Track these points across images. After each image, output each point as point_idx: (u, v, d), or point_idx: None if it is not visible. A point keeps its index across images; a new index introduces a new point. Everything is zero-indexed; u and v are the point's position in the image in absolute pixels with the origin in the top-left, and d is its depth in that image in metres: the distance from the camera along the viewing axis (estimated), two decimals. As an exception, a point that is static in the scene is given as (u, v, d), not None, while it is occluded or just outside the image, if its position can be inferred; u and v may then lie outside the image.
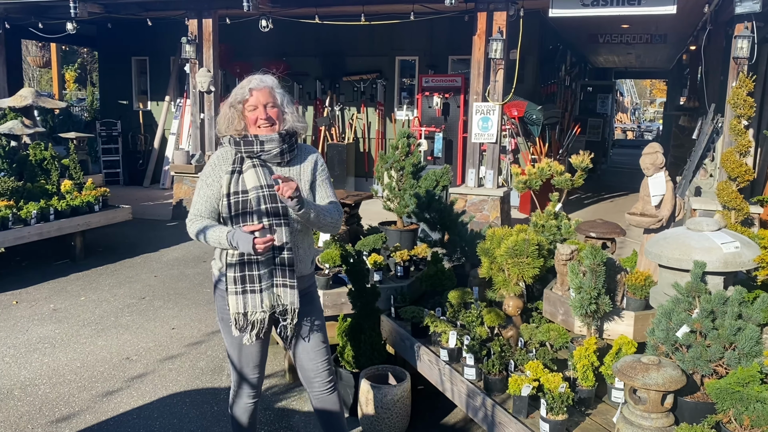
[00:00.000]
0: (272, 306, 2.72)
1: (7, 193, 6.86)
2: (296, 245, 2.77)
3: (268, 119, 2.68)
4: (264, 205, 2.65)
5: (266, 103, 2.68)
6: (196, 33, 9.65)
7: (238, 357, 2.90)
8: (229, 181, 2.69)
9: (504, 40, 8.21)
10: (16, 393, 4.15)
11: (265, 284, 2.68)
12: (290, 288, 2.71)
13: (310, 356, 2.92)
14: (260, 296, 2.68)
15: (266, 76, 2.75)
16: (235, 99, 2.71)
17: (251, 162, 2.70)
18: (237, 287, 2.68)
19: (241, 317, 2.70)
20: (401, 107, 11.79)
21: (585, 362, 3.03)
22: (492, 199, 8.50)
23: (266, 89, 2.69)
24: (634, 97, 44.06)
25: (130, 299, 6.08)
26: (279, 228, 2.66)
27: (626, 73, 25.53)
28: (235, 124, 2.72)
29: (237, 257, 2.66)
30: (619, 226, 3.82)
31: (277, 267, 2.69)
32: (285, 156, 2.73)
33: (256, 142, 2.68)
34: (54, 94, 22.35)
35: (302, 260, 2.81)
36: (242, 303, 2.68)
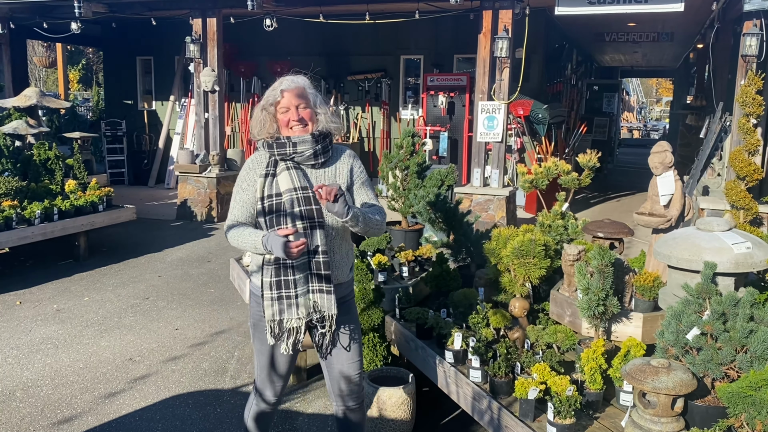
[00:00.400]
0: (308, 313, 2.63)
1: (11, 193, 6.85)
2: (332, 250, 2.67)
3: (300, 120, 2.61)
4: (298, 207, 2.58)
5: (298, 104, 2.61)
6: (201, 32, 9.62)
7: (265, 364, 2.83)
8: (263, 185, 2.63)
9: (509, 39, 8.15)
10: (18, 394, 4.13)
11: (300, 290, 2.61)
12: (326, 293, 2.62)
13: (343, 369, 2.84)
14: (296, 302, 2.61)
15: (298, 77, 2.69)
16: (266, 101, 2.65)
17: (285, 164, 2.63)
18: (272, 293, 2.60)
19: (276, 325, 2.63)
20: (406, 106, 11.74)
21: (593, 365, 2.98)
22: (497, 198, 8.44)
23: (298, 90, 2.62)
24: (640, 96, 43.88)
25: (134, 299, 6.05)
26: (314, 231, 2.59)
27: (632, 72, 25.42)
28: (267, 126, 2.65)
29: (273, 262, 2.59)
30: (627, 226, 3.77)
31: (313, 272, 2.61)
32: (319, 157, 2.65)
33: (288, 144, 2.61)
34: (60, 94, 22.43)
35: (339, 266, 2.72)
36: (277, 309, 2.61)
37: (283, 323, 2.62)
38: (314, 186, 2.48)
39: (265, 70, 12.20)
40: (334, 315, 2.65)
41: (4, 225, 6.39)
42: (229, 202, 9.12)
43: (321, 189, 2.41)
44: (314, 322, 2.66)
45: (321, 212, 2.59)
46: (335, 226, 2.65)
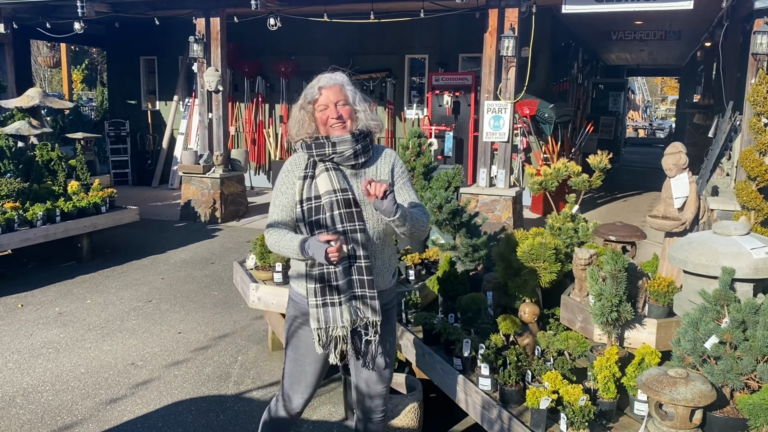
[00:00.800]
0: (353, 320, 2.53)
1: (13, 195, 6.79)
2: (374, 255, 2.58)
3: (339, 118, 2.51)
4: (337, 210, 2.49)
5: (337, 101, 2.51)
6: (204, 32, 9.55)
7: (294, 371, 2.74)
8: (302, 187, 2.55)
9: (516, 38, 8.06)
10: (19, 400, 4.06)
11: (344, 296, 2.50)
12: (370, 299, 2.52)
13: (372, 380, 2.77)
14: (340, 309, 2.50)
15: (336, 73, 2.59)
16: (304, 100, 2.56)
17: (324, 166, 2.54)
18: (317, 300, 2.51)
19: (323, 333, 2.52)
20: (411, 106, 11.65)
21: (606, 373, 2.89)
22: (504, 199, 8.35)
23: (336, 86, 2.53)
24: (645, 95, 43.69)
25: (137, 302, 5.98)
26: (354, 235, 2.49)
27: (638, 71, 25.29)
28: (305, 126, 2.56)
29: (316, 267, 2.49)
30: (640, 230, 3.67)
31: (355, 278, 2.51)
32: (359, 157, 2.56)
33: (327, 143, 2.52)
34: (64, 94, 22.42)
35: (380, 272, 2.62)
36: (323, 317, 2.51)
37: (329, 331, 2.52)
38: (364, 182, 2.36)
39: (269, 70, 12.12)
40: (378, 322, 2.55)
41: (6, 227, 6.33)
42: (232, 202, 9.05)
43: (370, 185, 2.31)
44: (359, 329, 2.56)
45: (362, 215, 2.51)
46: (377, 230, 2.56)
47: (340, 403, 4.02)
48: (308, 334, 2.63)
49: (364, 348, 2.59)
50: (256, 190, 12.46)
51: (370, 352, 2.61)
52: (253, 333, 5.23)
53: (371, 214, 2.53)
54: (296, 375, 2.73)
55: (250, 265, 4.64)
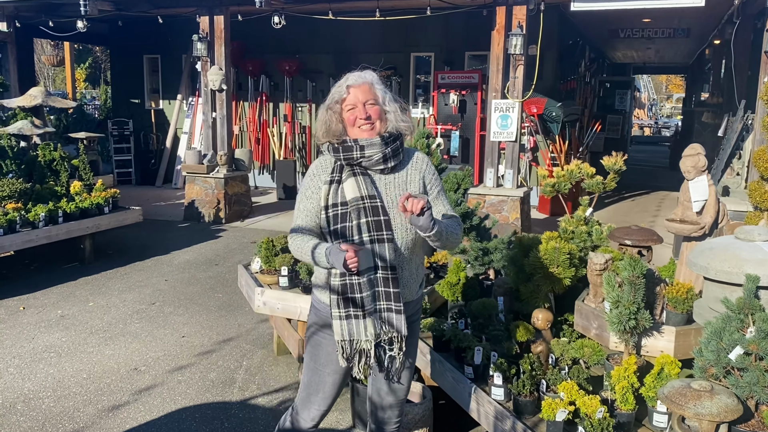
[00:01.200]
0: (377, 334, 2.41)
1: (15, 195, 6.71)
2: (401, 266, 2.45)
3: (367, 119, 2.40)
4: (365, 218, 2.36)
5: (366, 101, 2.40)
6: (208, 30, 9.46)
7: (312, 381, 2.63)
8: (328, 192, 2.43)
9: (524, 35, 7.94)
10: (19, 407, 3.97)
11: (368, 308, 2.38)
12: (396, 313, 2.39)
13: (387, 391, 2.67)
14: (364, 322, 2.39)
15: (366, 72, 2.48)
16: (332, 99, 2.44)
17: (351, 170, 2.42)
18: (341, 311, 2.39)
19: (347, 345, 2.41)
20: (416, 105, 11.54)
21: (624, 384, 2.79)
22: (512, 199, 8.24)
23: (365, 85, 2.41)
24: (650, 93, 43.48)
25: (140, 305, 5.90)
26: (381, 245, 2.36)
27: (644, 69, 25.10)
28: (333, 128, 2.44)
29: (339, 277, 2.38)
30: (656, 234, 3.57)
31: (380, 289, 2.39)
32: (388, 162, 2.43)
33: (355, 147, 2.40)
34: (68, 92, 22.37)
35: (407, 283, 2.49)
36: (346, 329, 2.39)
37: (353, 344, 2.41)
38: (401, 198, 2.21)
39: (273, 69, 12.02)
40: (405, 336, 2.43)
41: (8, 228, 6.25)
42: (236, 203, 8.93)
43: (406, 201, 2.19)
44: (383, 343, 2.44)
45: (390, 224, 2.38)
46: (406, 239, 2.44)
47: (348, 410, 3.93)
48: (329, 344, 2.53)
49: (388, 363, 2.47)
50: (261, 189, 12.38)
51: (395, 368, 2.49)
52: (258, 337, 5.14)
53: (400, 223, 2.41)
54: (314, 385, 2.63)
55: (255, 268, 4.54)
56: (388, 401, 2.73)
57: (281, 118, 12.26)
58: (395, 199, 2.43)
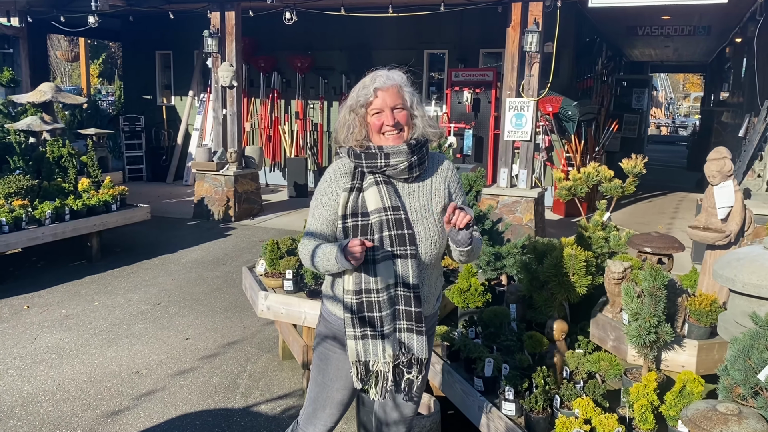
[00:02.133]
0: (395, 355, 2.25)
1: (22, 192, 6.63)
2: (422, 281, 2.30)
3: (395, 125, 2.23)
4: (387, 231, 2.19)
5: (394, 106, 2.22)
6: (219, 26, 9.35)
7: (318, 396, 2.48)
8: (347, 200, 2.26)
9: (539, 33, 7.76)
10: (17, 411, 3.88)
11: (387, 328, 2.22)
12: (417, 334, 2.24)
13: (394, 407, 2.54)
14: (382, 343, 2.22)
15: (394, 72, 2.29)
16: (356, 102, 2.25)
17: (374, 178, 2.25)
18: (356, 330, 2.23)
19: (362, 366, 2.25)
20: (429, 103, 11.37)
21: (644, 402, 2.63)
22: (525, 200, 8.06)
23: (394, 88, 2.23)
24: (668, 92, 42.94)
25: (145, 305, 5.80)
26: (404, 261, 2.20)
27: (662, 67, 24.73)
28: (356, 132, 2.27)
29: (355, 295, 2.22)
30: (678, 241, 3.40)
31: (401, 308, 2.23)
32: (414, 170, 2.27)
33: (380, 155, 2.23)
34: (83, 88, 22.42)
35: (426, 299, 2.34)
36: (362, 350, 2.23)
37: (369, 365, 2.25)
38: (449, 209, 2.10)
39: (285, 65, 11.90)
40: (426, 360, 2.29)
41: (13, 225, 6.18)
42: (246, 201, 8.78)
43: (453, 214, 2.07)
44: (401, 366, 2.27)
45: (414, 238, 2.22)
46: (430, 254, 2.28)
47: (353, 420, 3.79)
48: (339, 358, 2.38)
49: (405, 386, 2.30)
50: (272, 187, 12.27)
51: (413, 390, 2.34)
52: (264, 340, 5.02)
53: (424, 237, 2.26)
54: (321, 401, 2.48)
55: (259, 270, 4.42)
56: (393, 417, 2.60)
57: (293, 115, 12.14)
58: (420, 210, 2.28)
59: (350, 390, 2.45)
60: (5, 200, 6.49)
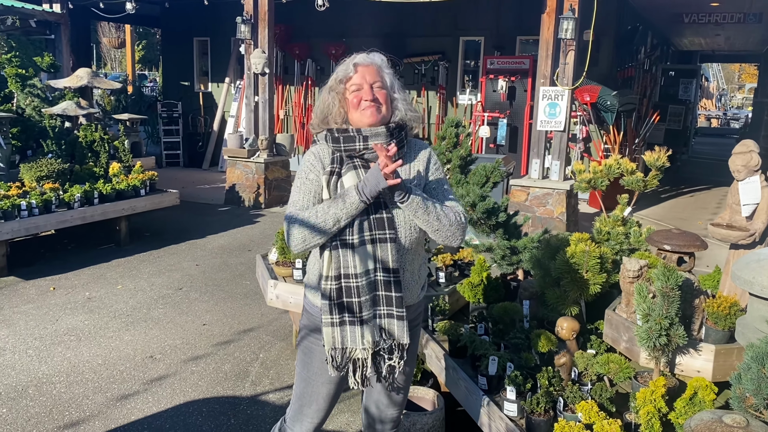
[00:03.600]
0: (375, 342, 2.20)
1: (53, 175, 6.76)
2: (403, 267, 2.24)
3: (374, 100, 2.17)
4: (366, 215, 2.16)
5: (373, 82, 2.18)
6: (252, 12, 9.35)
7: (304, 392, 2.42)
8: (327, 184, 2.21)
9: (576, 19, 7.50)
10: (31, 391, 3.94)
11: (366, 314, 2.17)
12: (397, 319, 2.19)
13: (384, 403, 2.48)
14: (360, 329, 2.17)
15: (374, 54, 2.27)
16: (335, 79, 2.22)
17: (352, 163, 2.21)
18: (333, 317, 2.17)
19: (338, 354, 2.20)
20: (464, 91, 11.19)
21: (650, 408, 2.49)
22: (557, 192, 7.85)
23: (374, 66, 2.20)
24: (720, 83, 41.46)
25: (167, 289, 5.85)
26: (383, 245, 2.15)
27: (713, 57, 23.83)
28: (334, 112, 2.22)
29: (334, 281, 2.16)
30: (700, 238, 3.21)
31: (381, 294, 2.18)
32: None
33: (358, 137, 2.18)
34: (128, 74, 22.86)
35: (408, 286, 2.29)
36: (339, 337, 2.18)
37: (346, 353, 2.20)
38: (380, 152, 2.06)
39: (319, 53, 11.86)
40: (406, 345, 2.22)
41: (43, 208, 6.30)
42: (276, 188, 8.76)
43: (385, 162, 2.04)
44: (382, 352, 2.23)
45: (393, 222, 2.18)
46: (410, 238, 2.23)
47: (358, 413, 3.73)
48: (323, 351, 2.30)
49: (386, 372, 2.24)
50: (304, 174, 12.27)
51: (394, 377, 2.28)
52: (279, 328, 5.00)
53: (403, 221, 2.20)
54: (307, 396, 2.42)
55: (272, 259, 4.39)
56: (387, 414, 2.53)
57: (327, 103, 12.10)
58: None
59: (336, 384, 2.37)
60: (37, 183, 6.62)
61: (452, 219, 2.21)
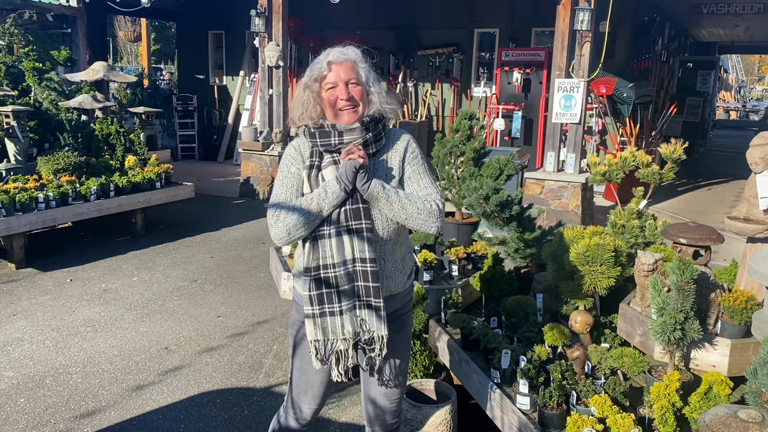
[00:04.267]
0: (355, 333, 2.21)
1: (70, 168, 6.83)
2: (383, 257, 2.27)
3: (350, 100, 2.20)
4: (343, 206, 2.19)
5: (348, 80, 2.20)
6: (266, 5, 9.34)
7: (300, 381, 2.47)
8: (308, 177, 2.24)
9: (592, 10, 7.42)
10: (48, 381, 3.99)
11: (346, 304, 2.20)
12: (375, 310, 2.20)
13: (382, 392, 2.49)
14: (340, 319, 2.19)
15: (348, 48, 2.28)
16: (310, 77, 2.24)
17: (331, 157, 2.23)
18: (314, 308, 2.20)
19: (320, 345, 2.22)
20: (478, 83, 11.13)
21: (664, 403, 2.47)
22: (572, 185, 7.79)
23: (348, 63, 2.21)
24: (739, 74, 40.89)
25: (182, 281, 5.89)
26: (359, 235, 2.19)
27: (732, 48, 23.48)
28: (310, 109, 2.24)
29: (313, 272, 2.19)
30: (716, 232, 3.17)
31: (360, 284, 2.19)
32: (370, 147, 2.24)
33: (334, 133, 2.20)
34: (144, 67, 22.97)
35: (391, 275, 2.30)
36: (320, 329, 2.20)
37: (328, 344, 2.22)
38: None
39: (333, 45, 11.83)
40: (384, 337, 2.21)
41: (60, 200, 6.36)
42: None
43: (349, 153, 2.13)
44: (362, 344, 2.24)
45: (370, 212, 2.20)
46: (388, 228, 2.25)
47: (372, 405, 3.74)
48: None
49: (366, 365, 2.27)
50: (319, 167, 12.29)
51: (375, 369, 2.32)
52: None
53: (380, 211, 2.22)
54: (302, 385, 2.46)
55: (285, 251, 4.40)
56: (382, 405, 2.55)
57: (341, 96, 12.10)
58: None
59: (328, 371, 2.40)
60: (54, 176, 6.69)
61: (421, 207, 2.21)
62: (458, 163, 4.16)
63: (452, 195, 4.15)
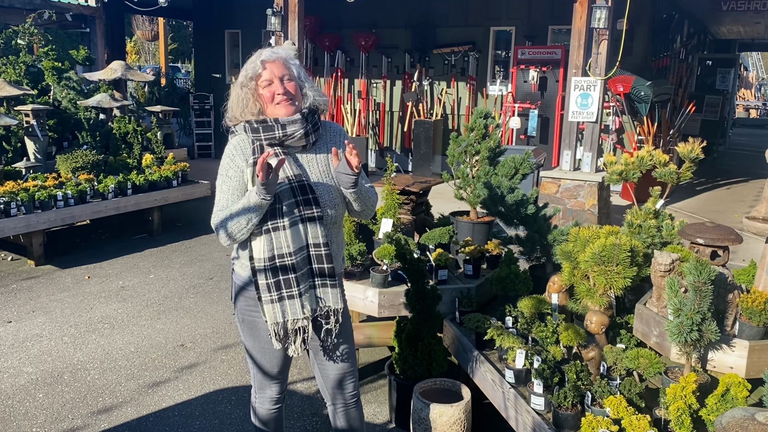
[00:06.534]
0: (314, 310, 2.42)
1: (88, 167, 6.90)
2: (331, 240, 2.45)
3: (286, 93, 2.34)
4: (294, 198, 2.33)
5: (282, 76, 2.35)
6: (282, 4, 9.37)
7: (261, 361, 2.59)
8: (252, 175, 2.34)
9: (609, 8, 7.35)
10: (66, 377, 4.04)
11: (304, 287, 2.38)
12: (331, 287, 2.42)
13: (336, 364, 2.60)
14: (300, 301, 2.37)
15: (278, 47, 2.50)
16: (245, 76, 2.37)
17: (273, 151, 2.33)
18: (272, 295, 2.35)
19: (279, 328, 2.38)
20: (494, 81, 11.07)
21: (680, 404, 2.45)
22: (589, 184, 7.73)
23: (279, 60, 2.37)
24: (760, 72, 40.32)
25: (198, 279, 5.93)
26: (312, 223, 2.36)
27: (753, 45, 23.16)
28: (249, 106, 2.37)
29: (268, 261, 2.32)
30: (735, 232, 3.13)
31: (315, 266, 2.39)
32: (310, 137, 2.40)
33: (277, 126, 2.33)
34: (161, 66, 23.14)
35: (336, 257, 2.50)
36: (280, 312, 2.36)
37: (287, 325, 2.38)
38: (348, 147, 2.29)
39: (349, 44, 11.85)
40: (341, 309, 2.45)
41: (78, 198, 6.44)
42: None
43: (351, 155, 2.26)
44: (320, 319, 2.44)
45: (318, 201, 2.37)
46: (333, 214, 2.45)
47: (385, 403, 3.76)
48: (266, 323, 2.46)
49: (324, 336, 2.46)
50: (334, 166, 12.30)
51: (331, 341, 2.49)
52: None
53: (327, 199, 2.41)
54: (266, 364, 2.58)
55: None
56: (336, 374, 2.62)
57: (355, 95, 12.10)
58: (320, 176, 2.42)
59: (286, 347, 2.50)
60: (72, 174, 6.76)
61: (373, 198, 2.50)
62: (473, 162, 4.15)
63: (467, 194, 4.13)
